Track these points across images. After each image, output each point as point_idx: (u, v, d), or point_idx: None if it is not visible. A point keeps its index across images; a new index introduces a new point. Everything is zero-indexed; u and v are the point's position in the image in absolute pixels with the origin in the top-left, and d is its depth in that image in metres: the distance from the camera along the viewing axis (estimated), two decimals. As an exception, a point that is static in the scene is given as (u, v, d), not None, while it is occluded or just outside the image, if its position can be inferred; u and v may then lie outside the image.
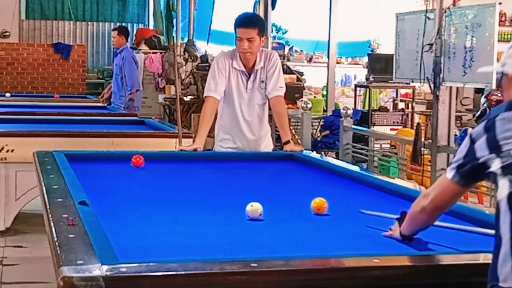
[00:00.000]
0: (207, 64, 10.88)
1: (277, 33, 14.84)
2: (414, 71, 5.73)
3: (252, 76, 4.52)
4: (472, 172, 1.91)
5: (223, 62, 4.49)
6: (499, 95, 6.18)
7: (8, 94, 10.18)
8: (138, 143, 5.43)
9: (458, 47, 5.37)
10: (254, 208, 2.54)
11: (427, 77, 5.54)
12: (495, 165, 1.82)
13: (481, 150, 1.86)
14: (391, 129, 9.33)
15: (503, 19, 12.65)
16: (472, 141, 1.89)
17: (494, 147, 1.83)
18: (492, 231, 1.90)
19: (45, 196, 2.66)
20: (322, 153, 7.47)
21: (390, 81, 9.51)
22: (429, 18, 5.57)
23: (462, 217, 2.55)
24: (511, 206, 1.75)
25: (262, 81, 4.52)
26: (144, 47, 12.84)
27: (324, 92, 11.95)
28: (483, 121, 1.91)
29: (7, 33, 13.50)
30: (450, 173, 1.97)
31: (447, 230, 2.41)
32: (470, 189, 2.01)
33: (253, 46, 4.38)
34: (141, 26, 14.59)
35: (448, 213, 2.60)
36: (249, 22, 4.40)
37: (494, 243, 1.79)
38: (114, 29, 9.43)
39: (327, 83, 11.03)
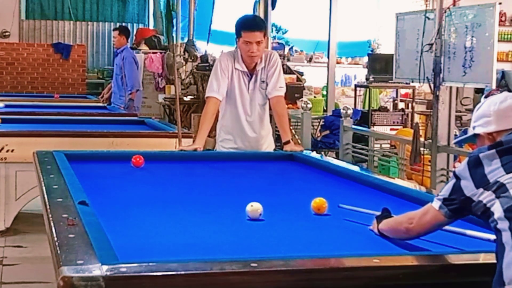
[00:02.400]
0: (207, 64, 10.89)
1: (277, 33, 14.84)
2: (414, 71, 5.72)
3: (253, 76, 4.52)
4: (459, 207, 2.00)
5: (226, 62, 4.49)
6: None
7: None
8: (138, 143, 5.43)
9: (458, 47, 5.37)
10: (254, 208, 2.54)
11: (427, 77, 5.54)
12: (484, 197, 1.92)
13: (467, 187, 1.96)
14: (391, 129, 9.33)
15: (503, 19, 12.67)
16: (458, 179, 2.00)
17: (482, 182, 1.93)
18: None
19: (45, 196, 2.66)
20: (322, 153, 7.47)
21: (390, 81, 9.52)
22: (429, 18, 5.56)
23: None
24: (509, 218, 1.83)
25: (263, 81, 4.52)
26: (144, 47, 12.84)
27: (324, 92, 11.95)
28: (467, 161, 2.02)
29: (7, 33, 13.50)
30: (436, 204, 2.05)
31: (447, 230, 2.41)
32: (455, 220, 2.11)
33: (261, 48, 4.41)
34: (141, 26, 14.59)
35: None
36: (256, 25, 4.42)
37: (496, 252, 1.85)
38: (115, 29, 9.44)
39: (327, 83, 11.03)
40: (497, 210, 1.87)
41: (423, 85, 6.32)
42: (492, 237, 2.01)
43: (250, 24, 4.42)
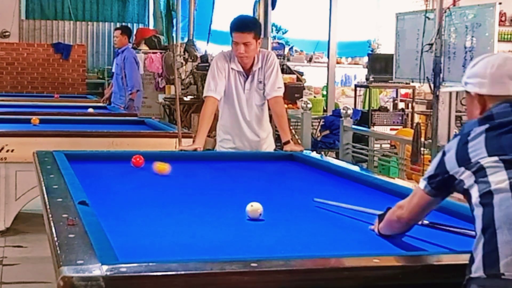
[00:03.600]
0: (207, 64, 10.88)
1: (277, 33, 14.85)
2: (414, 71, 5.73)
3: (250, 77, 4.51)
4: (443, 184, 1.99)
5: (222, 62, 4.49)
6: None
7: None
8: (138, 143, 5.43)
9: (458, 47, 5.37)
10: (254, 208, 2.54)
11: (427, 77, 5.54)
12: (465, 177, 1.90)
13: (450, 163, 1.94)
14: (391, 129, 9.33)
15: (503, 19, 12.66)
16: (443, 154, 1.98)
17: (464, 160, 1.91)
18: None
19: (45, 196, 2.66)
20: (322, 153, 7.47)
21: (390, 81, 9.52)
22: (429, 18, 5.57)
23: (462, 216, 2.54)
24: (483, 205, 1.83)
25: (260, 82, 4.52)
26: (144, 47, 12.84)
27: (324, 92, 11.95)
28: (456, 136, 2.00)
29: (7, 33, 13.49)
30: (422, 184, 2.05)
31: (447, 230, 2.41)
32: (443, 199, 2.09)
33: (249, 50, 4.37)
34: (141, 26, 14.59)
35: (448, 213, 2.61)
36: (245, 26, 4.38)
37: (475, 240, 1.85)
38: (117, 29, 9.44)
39: (327, 83, 11.03)
40: (474, 195, 1.86)
41: (423, 85, 6.32)
42: None
43: (239, 25, 4.39)
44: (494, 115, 1.93)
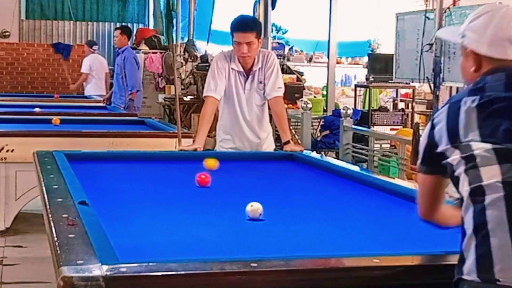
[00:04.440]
0: (207, 64, 10.88)
1: (277, 33, 14.85)
2: (414, 71, 5.74)
3: (250, 77, 4.51)
4: (434, 159, 1.87)
5: (223, 62, 4.49)
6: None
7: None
8: (138, 143, 5.43)
9: (458, 47, 5.37)
10: (254, 208, 2.54)
11: (427, 77, 5.54)
12: (453, 158, 1.80)
13: (440, 138, 1.84)
14: (391, 129, 9.33)
15: (503, 19, 12.63)
16: (432, 127, 1.87)
17: (454, 136, 1.80)
18: None
19: (45, 196, 2.66)
20: (322, 153, 7.47)
21: (390, 81, 9.53)
22: (429, 18, 5.57)
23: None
24: (474, 202, 1.75)
25: (260, 82, 4.52)
26: (144, 47, 12.85)
27: (324, 92, 11.95)
28: (444, 105, 1.87)
29: (7, 33, 13.50)
30: (418, 167, 1.95)
31: (447, 230, 2.41)
32: (445, 176, 1.91)
33: (252, 49, 4.37)
34: (141, 26, 14.60)
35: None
36: (247, 26, 4.38)
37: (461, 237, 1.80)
38: (117, 28, 9.45)
39: (327, 83, 11.03)
40: (464, 186, 1.78)
41: (423, 85, 6.33)
42: None
43: (241, 25, 4.40)
44: (486, 87, 1.83)
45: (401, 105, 11.58)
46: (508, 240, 1.70)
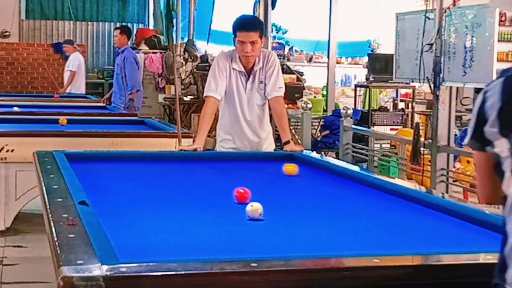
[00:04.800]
0: (207, 64, 10.88)
1: (277, 33, 14.85)
2: (414, 71, 5.73)
3: (251, 77, 4.52)
4: (483, 136, 1.62)
5: (224, 62, 4.49)
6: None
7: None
8: (138, 143, 5.44)
9: (458, 47, 5.37)
10: (254, 208, 2.54)
11: (427, 77, 5.54)
12: (501, 148, 1.56)
13: (490, 116, 1.57)
14: (391, 129, 9.34)
15: (503, 19, 12.64)
16: (484, 100, 1.60)
17: (505, 123, 1.53)
18: None
19: (45, 196, 2.66)
20: (322, 153, 7.47)
21: (390, 81, 9.52)
22: (429, 18, 5.57)
23: (463, 217, 2.54)
24: None
25: (261, 82, 4.52)
26: (144, 47, 12.85)
27: (324, 92, 11.95)
28: (500, 76, 1.60)
29: (7, 33, 13.50)
30: (469, 141, 1.68)
31: (447, 230, 2.40)
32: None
33: (255, 48, 4.39)
34: (141, 26, 14.60)
35: (448, 213, 2.61)
36: (251, 25, 4.41)
37: (501, 240, 1.59)
38: (117, 28, 9.46)
39: (327, 83, 11.03)
40: (510, 189, 1.54)
41: (423, 85, 6.32)
42: None
43: (244, 24, 4.41)
44: None
45: (401, 105, 11.58)
46: None
